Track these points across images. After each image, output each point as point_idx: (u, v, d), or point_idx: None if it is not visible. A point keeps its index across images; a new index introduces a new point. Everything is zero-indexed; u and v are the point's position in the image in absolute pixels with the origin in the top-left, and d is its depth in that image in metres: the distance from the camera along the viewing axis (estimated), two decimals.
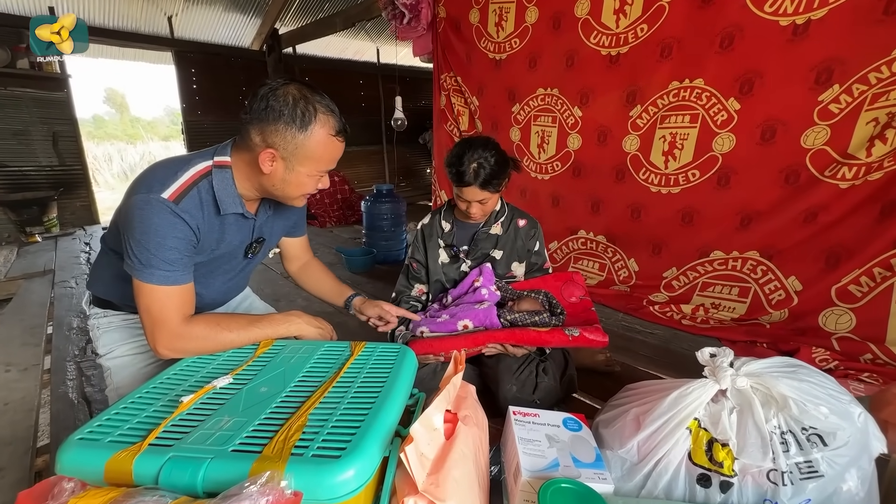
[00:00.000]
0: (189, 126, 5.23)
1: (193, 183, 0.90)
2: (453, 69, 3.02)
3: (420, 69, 7.16)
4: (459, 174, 1.36)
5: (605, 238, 2.53)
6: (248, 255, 1.13)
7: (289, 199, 1.00)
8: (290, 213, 1.23)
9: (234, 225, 1.01)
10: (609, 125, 2.36)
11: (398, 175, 7.55)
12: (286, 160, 0.90)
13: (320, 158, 0.93)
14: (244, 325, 0.96)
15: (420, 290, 1.66)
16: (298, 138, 0.88)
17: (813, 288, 1.80)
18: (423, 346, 1.29)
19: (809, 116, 1.71)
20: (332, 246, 3.65)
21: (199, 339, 0.91)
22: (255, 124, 0.88)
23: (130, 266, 0.87)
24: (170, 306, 0.88)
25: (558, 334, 1.25)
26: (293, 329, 1.03)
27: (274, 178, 0.93)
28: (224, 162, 0.95)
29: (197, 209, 0.90)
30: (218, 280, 1.13)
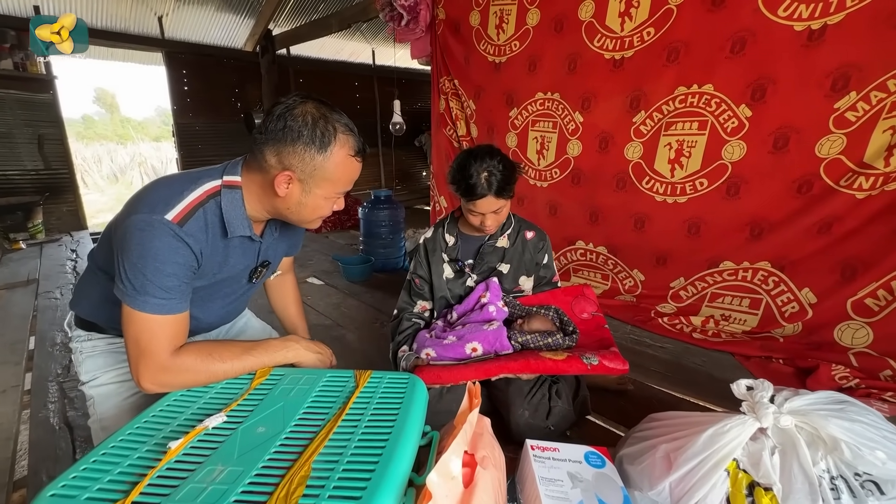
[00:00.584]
0: (180, 128, 5.11)
1: (200, 203, 0.84)
2: (451, 72, 2.96)
3: (416, 71, 7.10)
4: (470, 187, 1.29)
5: (605, 249, 2.47)
6: (253, 280, 1.06)
7: (303, 222, 0.96)
8: (294, 233, 1.17)
9: (239, 248, 0.95)
10: (611, 131, 2.30)
11: (395, 178, 7.47)
12: (303, 182, 0.86)
13: (338, 180, 0.88)
14: (238, 353, 0.89)
15: (423, 306, 1.59)
16: (317, 160, 0.84)
17: (828, 301, 1.75)
18: (430, 375, 1.22)
19: (825, 124, 1.66)
20: (328, 253, 3.56)
21: (189, 371, 0.83)
22: (271, 145, 0.84)
23: (122, 291, 0.80)
24: (161, 337, 0.81)
25: (575, 363, 1.18)
26: (291, 356, 0.97)
27: (289, 201, 0.88)
28: (234, 182, 0.89)
29: (201, 232, 0.84)
30: (217, 304, 1.06)
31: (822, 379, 1.51)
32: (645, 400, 1.53)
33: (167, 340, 0.82)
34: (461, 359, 1.32)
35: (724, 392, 1.55)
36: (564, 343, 1.33)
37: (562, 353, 1.26)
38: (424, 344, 1.37)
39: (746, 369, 1.70)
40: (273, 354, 0.94)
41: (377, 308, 2.45)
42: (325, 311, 2.43)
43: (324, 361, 1.05)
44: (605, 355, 1.20)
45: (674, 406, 1.51)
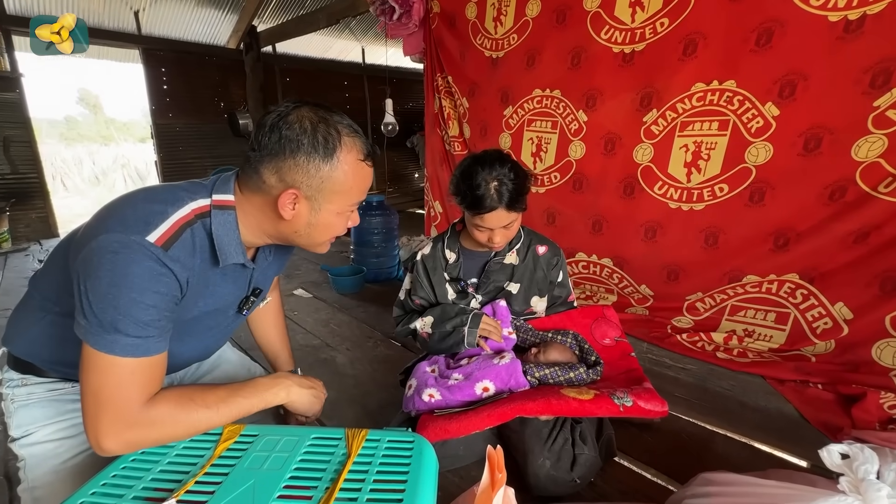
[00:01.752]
0: (159, 129, 4.85)
1: (187, 224, 0.71)
2: (445, 69, 2.77)
3: (407, 70, 6.90)
4: (478, 199, 1.11)
5: (611, 262, 2.30)
6: (242, 311, 0.90)
7: (314, 245, 0.84)
8: (284, 253, 1.01)
9: (229, 276, 0.82)
10: (618, 132, 2.13)
11: (386, 181, 7.26)
12: (311, 199, 0.75)
13: (350, 190, 0.77)
14: (224, 397, 0.75)
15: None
16: (324, 170, 0.73)
17: (865, 317, 1.59)
18: (436, 430, 1.03)
19: (863, 124, 1.50)
20: (316, 262, 3.35)
21: (165, 424, 0.69)
22: (268, 161, 0.72)
23: (84, 328, 0.65)
24: (131, 386, 0.66)
25: (605, 403, 1.00)
26: (282, 395, 0.83)
27: (297, 224, 0.77)
28: (226, 202, 0.76)
29: (188, 257, 0.71)
30: (195, 340, 0.89)
31: (871, 408, 1.35)
32: (673, 434, 1.35)
33: (139, 389, 0.67)
34: (471, 401, 1.13)
35: (760, 422, 1.42)
36: (589, 378, 1.15)
37: (587, 389, 1.08)
38: (427, 382, 1.19)
39: (781, 395, 1.54)
40: (263, 395, 0.80)
41: (370, 325, 2.26)
42: (314, 328, 2.23)
43: (318, 398, 0.91)
44: (639, 394, 1.03)
45: (706, 441, 1.34)
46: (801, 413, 1.45)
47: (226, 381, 1.08)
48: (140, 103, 11.17)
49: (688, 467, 1.23)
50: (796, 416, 1.45)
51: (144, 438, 0.68)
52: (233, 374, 1.10)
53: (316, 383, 0.90)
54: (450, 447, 1.23)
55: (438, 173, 3.01)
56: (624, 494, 1.16)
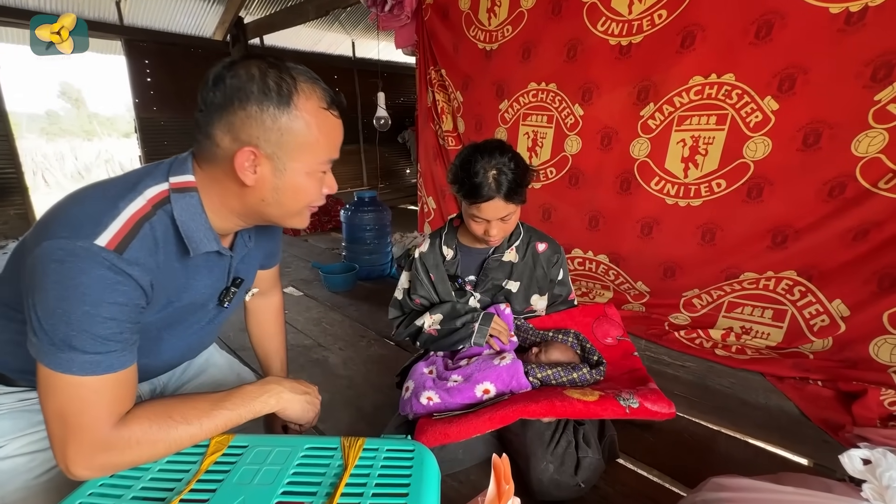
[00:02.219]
0: (143, 124, 4.71)
1: (144, 218, 0.63)
2: (439, 62, 2.71)
3: (398, 63, 6.81)
4: (475, 187, 1.07)
5: (607, 258, 2.27)
6: (224, 304, 0.84)
7: (288, 216, 0.74)
8: (267, 239, 0.94)
9: (203, 267, 0.75)
10: (615, 126, 2.10)
11: (378, 177, 7.19)
12: (273, 158, 0.65)
13: (317, 143, 0.68)
14: (206, 409, 0.69)
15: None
16: (281, 121, 0.64)
17: (862, 314, 1.59)
18: (435, 434, 0.99)
19: (863, 119, 1.48)
20: (307, 259, 3.28)
21: (140, 444, 0.62)
22: (217, 119, 0.64)
23: (36, 346, 0.59)
24: (96, 406, 0.60)
25: (610, 405, 0.97)
26: (272, 403, 0.77)
27: (263, 190, 0.68)
28: (186, 183, 0.68)
29: (150, 256, 0.64)
30: (176, 340, 0.82)
31: (871, 405, 1.35)
32: (675, 434, 1.33)
33: (106, 409, 0.60)
34: (471, 404, 1.09)
35: (761, 420, 1.40)
36: (592, 378, 1.12)
37: (591, 391, 1.05)
38: (425, 385, 1.14)
39: (782, 392, 1.53)
40: (251, 405, 0.73)
41: (363, 323, 2.21)
42: (305, 327, 2.17)
43: (313, 404, 0.84)
44: (645, 395, 1.00)
45: (709, 441, 1.32)
46: (801, 410, 1.44)
47: (213, 386, 1.03)
48: (123, 97, 10.92)
49: (692, 468, 1.21)
50: (797, 413, 1.44)
51: (118, 462, 0.62)
52: (220, 380, 1.04)
53: (310, 388, 0.84)
54: (448, 451, 1.19)
55: (432, 168, 2.95)
56: (627, 497, 1.13)
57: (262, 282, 1.05)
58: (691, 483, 1.16)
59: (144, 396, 0.94)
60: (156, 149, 4.76)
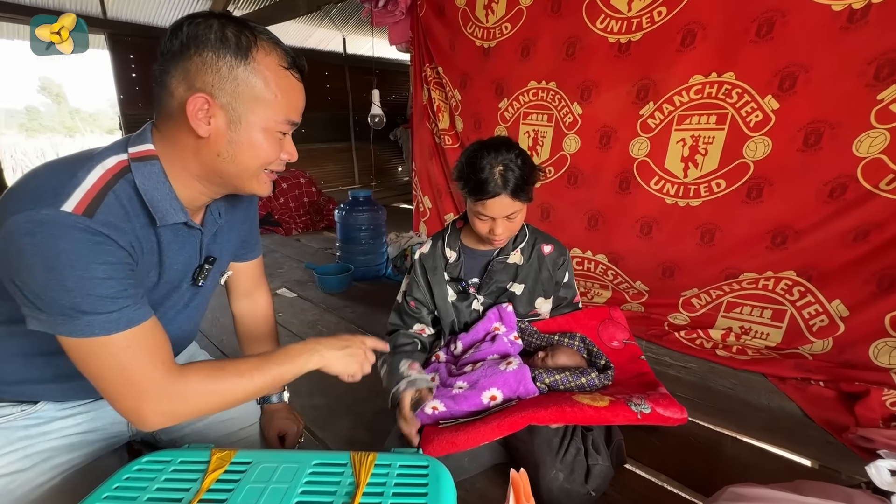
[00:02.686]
0: (128, 120, 4.59)
1: (106, 186, 0.61)
2: (435, 59, 2.66)
3: (390, 60, 6.74)
4: (481, 183, 1.04)
5: (605, 258, 2.26)
6: (198, 282, 0.82)
7: (246, 173, 0.70)
8: (242, 220, 0.91)
9: (174, 241, 0.73)
10: (614, 125, 2.08)
11: (369, 174, 7.11)
12: (227, 108, 0.64)
13: (275, 100, 0.66)
14: (256, 364, 0.71)
15: (420, 329, 1.32)
16: (238, 71, 0.63)
17: (862, 315, 1.59)
18: (442, 443, 0.96)
19: (865, 119, 1.48)
20: (301, 259, 3.22)
21: (198, 394, 0.65)
22: (174, 66, 0.62)
23: (45, 321, 0.57)
24: (137, 358, 0.61)
25: (622, 410, 0.94)
26: (315, 360, 0.77)
27: (218, 143, 0.65)
28: (146, 152, 0.66)
29: (123, 221, 0.62)
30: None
31: (874, 405, 1.35)
32: (680, 437, 1.32)
33: (148, 359, 0.62)
34: (477, 411, 1.06)
35: (765, 422, 1.39)
36: (600, 383, 1.09)
37: (600, 396, 1.02)
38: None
39: (784, 393, 1.53)
40: (296, 361, 0.74)
41: (360, 326, 2.17)
42: (300, 330, 2.12)
43: (356, 356, 0.80)
44: (656, 400, 0.97)
45: (715, 444, 1.31)
46: (804, 411, 1.44)
47: None
48: (107, 92, 10.64)
49: (700, 473, 1.20)
50: (800, 414, 1.44)
51: (183, 410, 0.65)
52: None
53: (351, 340, 0.81)
54: (454, 459, 1.16)
55: (428, 167, 2.91)
56: (636, 496, 1.12)
57: (244, 279, 1.01)
58: (701, 488, 1.14)
59: None
60: None
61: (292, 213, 4.21)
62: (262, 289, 1.06)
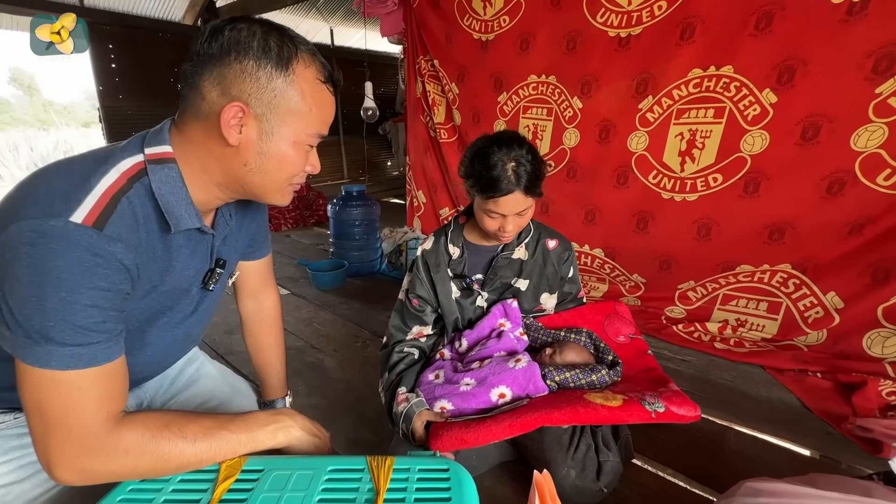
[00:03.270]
0: (108, 113, 4.43)
1: (120, 192, 0.57)
2: (430, 51, 2.62)
3: (379, 53, 6.64)
4: (493, 181, 1.02)
5: (602, 252, 2.26)
6: (209, 287, 0.78)
7: (271, 185, 0.68)
8: (253, 219, 0.89)
9: (185, 246, 0.70)
10: (613, 119, 2.08)
11: (358, 169, 7.03)
12: (261, 119, 0.62)
13: (309, 113, 0.65)
14: (207, 427, 0.63)
15: (419, 332, 1.30)
16: (277, 82, 0.61)
17: (856, 306, 1.62)
18: (450, 439, 0.94)
19: (863, 113, 1.49)
20: (292, 255, 3.16)
21: (129, 453, 0.57)
22: (210, 70, 0.59)
23: (10, 339, 0.53)
24: (82, 403, 0.54)
25: (635, 409, 0.93)
26: (280, 438, 0.69)
27: (247, 152, 0.63)
28: (163, 154, 0.63)
29: (132, 232, 0.59)
30: (161, 332, 0.75)
31: (871, 395, 1.37)
32: (685, 431, 1.32)
33: (93, 406, 0.55)
34: (486, 409, 1.04)
35: (766, 414, 1.40)
36: (610, 379, 1.09)
37: (611, 394, 1.01)
38: (435, 393, 1.08)
39: (782, 385, 1.55)
40: (256, 433, 0.67)
41: (356, 323, 2.13)
42: (296, 328, 2.08)
43: (321, 451, 0.76)
44: (670, 398, 0.97)
45: (718, 436, 1.32)
46: (803, 402, 1.45)
47: (205, 397, 0.95)
48: (83, 84, 10.25)
49: (707, 466, 1.21)
50: (799, 405, 1.46)
51: (103, 470, 0.56)
52: (212, 390, 0.96)
53: (322, 433, 0.77)
54: (462, 458, 1.14)
55: (422, 161, 2.87)
56: (647, 499, 1.12)
57: (250, 278, 0.97)
58: (708, 482, 1.15)
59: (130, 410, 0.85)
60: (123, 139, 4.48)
61: (281, 209, 4.12)
62: (270, 289, 1.02)
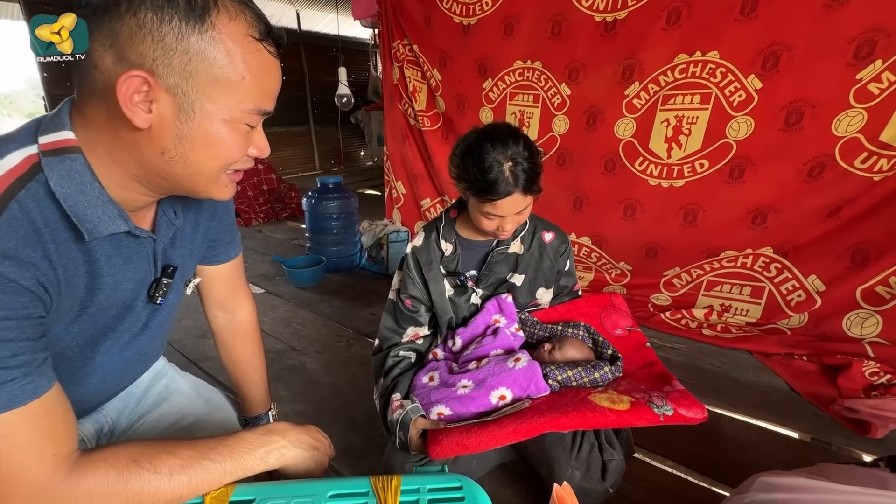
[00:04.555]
0: (55, 101, 4.08)
1: (7, 195, 0.46)
2: (408, 35, 2.51)
3: (349, 38, 6.40)
4: (490, 184, 0.95)
5: (589, 241, 2.24)
6: (156, 300, 0.67)
7: (201, 179, 0.55)
8: (209, 217, 0.76)
9: (114, 256, 0.58)
10: (600, 106, 2.04)
11: (331, 160, 6.81)
12: (175, 92, 0.48)
13: (242, 81, 0.50)
14: (186, 458, 0.53)
15: (415, 334, 1.23)
16: (190, 41, 0.46)
17: (837, 289, 1.66)
18: (451, 445, 0.89)
19: (844, 98, 1.51)
20: (265, 252, 3.01)
21: (92, 498, 0.48)
22: (97, 27, 0.46)
23: None
24: (17, 452, 0.46)
25: (644, 413, 0.90)
26: (272, 460, 0.60)
27: (162, 137, 0.50)
28: (62, 142, 0.50)
29: (29, 246, 0.47)
30: (106, 357, 0.65)
31: (856, 377, 1.40)
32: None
33: (35, 452, 0.46)
34: (486, 411, 0.99)
35: (756, 399, 1.41)
36: (613, 375, 1.05)
37: (617, 395, 0.98)
38: (431, 397, 1.02)
39: (770, 369, 1.57)
40: (243, 459, 0.57)
41: (338, 321, 2.04)
42: (274, 329, 1.97)
43: (321, 462, 0.67)
44: (677, 400, 0.94)
45: (714, 424, 1.32)
46: (791, 386, 1.48)
47: (178, 416, 0.84)
48: (26, 72, 9.43)
49: (704, 455, 1.21)
50: (787, 389, 1.48)
51: None
52: (185, 408, 0.86)
53: (320, 441, 0.67)
54: (462, 462, 1.09)
55: (401, 151, 2.77)
56: (650, 493, 1.10)
57: (217, 286, 0.85)
58: (709, 472, 1.14)
59: (89, 440, 0.75)
60: None
61: (251, 202, 3.94)
62: (242, 297, 0.90)
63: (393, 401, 1.05)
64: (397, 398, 1.06)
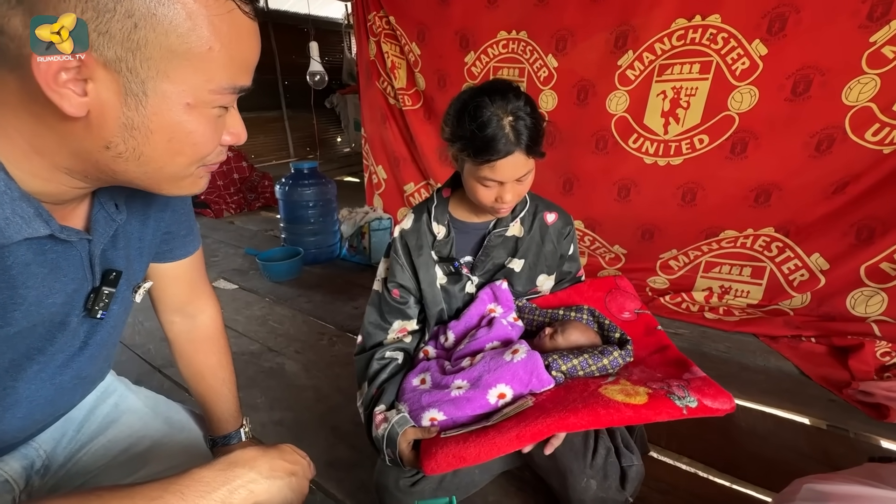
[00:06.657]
0: None
1: None
2: (384, 7, 2.31)
3: (320, 18, 6.09)
4: (489, 141, 0.82)
5: (582, 224, 2.14)
6: (96, 313, 0.53)
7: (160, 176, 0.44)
8: (160, 212, 0.62)
9: (34, 264, 0.45)
10: (591, 78, 1.91)
11: (306, 146, 6.53)
12: (118, 68, 0.35)
13: (208, 53, 0.38)
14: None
15: (402, 328, 1.10)
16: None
17: (841, 267, 1.59)
18: (447, 458, 0.77)
19: (856, 63, 1.41)
20: (238, 244, 2.81)
21: None
22: None
23: None
24: None
25: (665, 406, 0.79)
26: (239, 499, 0.47)
27: (105, 128, 0.38)
28: None
29: None
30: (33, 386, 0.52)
31: (868, 358, 1.34)
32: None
33: None
34: (485, 413, 0.87)
35: (766, 385, 1.33)
36: (623, 361, 0.94)
37: (631, 386, 0.87)
38: (422, 402, 0.89)
39: (777, 352, 1.50)
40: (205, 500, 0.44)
41: (319, 318, 1.88)
42: (248, 329, 1.81)
43: (298, 488, 0.54)
44: (701, 389, 0.83)
45: (728, 414, 1.24)
46: (801, 370, 1.41)
47: (129, 441, 0.69)
48: None
49: (721, 449, 1.13)
50: (797, 373, 1.42)
51: None
52: (140, 429, 0.72)
53: (298, 461, 0.55)
54: (464, 475, 0.98)
55: (381, 133, 2.60)
56: (665, 494, 1.01)
57: (173, 287, 0.71)
58: (728, 469, 1.06)
59: (16, 481, 0.60)
60: None
61: (221, 192, 3.70)
62: (204, 298, 0.76)
63: (376, 414, 0.92)
64: (380, 411, 0.93)
